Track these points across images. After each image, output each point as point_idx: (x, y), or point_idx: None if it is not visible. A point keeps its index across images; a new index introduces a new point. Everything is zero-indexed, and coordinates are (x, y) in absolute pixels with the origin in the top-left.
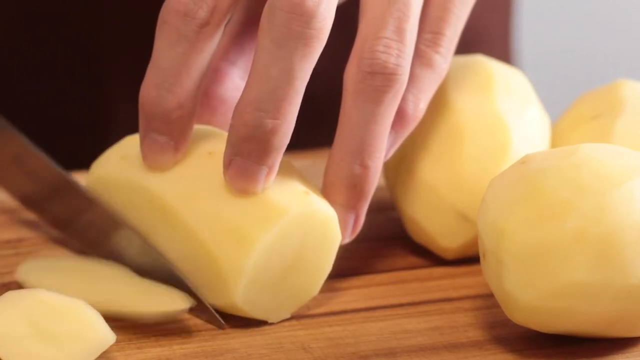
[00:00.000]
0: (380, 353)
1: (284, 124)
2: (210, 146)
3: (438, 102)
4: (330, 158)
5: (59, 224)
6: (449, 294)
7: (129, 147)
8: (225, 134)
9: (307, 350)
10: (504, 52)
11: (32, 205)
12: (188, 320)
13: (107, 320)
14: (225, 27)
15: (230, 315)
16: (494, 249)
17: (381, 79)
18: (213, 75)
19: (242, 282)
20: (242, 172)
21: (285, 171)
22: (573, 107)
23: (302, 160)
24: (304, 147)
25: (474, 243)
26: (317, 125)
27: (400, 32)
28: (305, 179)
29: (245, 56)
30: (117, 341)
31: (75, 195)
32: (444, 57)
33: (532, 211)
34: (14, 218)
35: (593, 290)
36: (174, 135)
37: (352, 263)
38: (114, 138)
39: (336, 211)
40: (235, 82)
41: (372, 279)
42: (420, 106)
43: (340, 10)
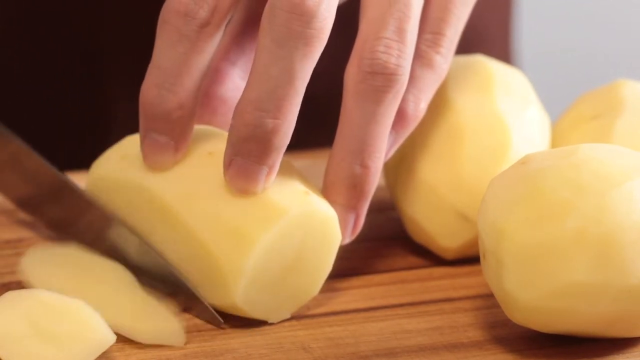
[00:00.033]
0: (381, 353)
1: (284, 123)
2: (210, 146)
3: (438, 102)
4: (331, 158)
5: (56, 226)
6: (449, 294)
7: (129, 147)
8: (225, 134)
9: (307, 350)
10: (504, 52)
11: (29, 207)
12: (188, 320)
13: None
14: (225, 27)
15: (230, 315)
16: (494, 249)
17: (382, 79)
18: (213, 76)
19: (242, 282)
20: (243, 172)
21: (286, 171)
22: (573, 107)
23: (302, 160)
24: (304, 147)
25: (474, 243)
26: (317, 125)
27: (400, 32)
28: (306, 179)
29: (245, 56)
30: (117, 341)
31: (72, 197)
32: (445, 58)
33: (532, 211)
34: (14, 218)
35: (593, 290)
36: (175, 135)
37: (352, 263)
38: (114, 138)
39: (336, 211)
40: (235, 82)
41: (372, 279)
42: (420, 106)
43: (340, 10)
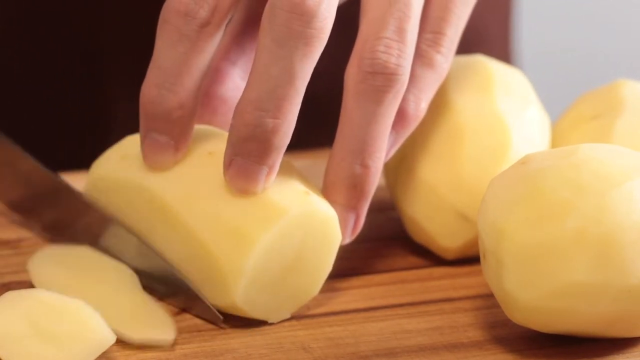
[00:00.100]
0: (380, 353)
1: (284, 123)
2: (210, 146)
3: (438, 102)
4: (331, 158)
5: (52, 229)
6: (449, 294)
7: (129, 147)
8: (225, 134)
9: (307, 350)
10: (504, 52)
11: (24, 211)
12: (188, 320)
13: None
14: (226, 27)
15: (230, 315)
16: (494, 249)
17: (382, 79)
18: (214, 75)
19: (242, 282)
20: (243, 172)
21: (286, 171)
22: (573, 107)
23: (302, 160)
24: (304, 147)
25: (474, 243)
26: (318, 125)
27: (401, 32)
28: (306, 179)
29: (246, 56)
30: (117, 341)
31: (69, 199)
32: (445, 57)
33: (532, 211)
34: (14, 218)
35: (593, 290)
36: (175, 135)
37: (352, 263)
38: (114, 138)
39: (336, 211)
40: (235, 82)
41: (372, 279)
42: (421, 106)
43: (341, 10)
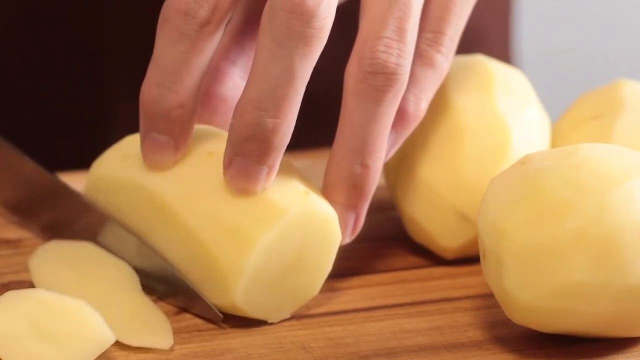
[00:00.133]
0: (380, 353)
1: (284, 123)
2: (210, 146)
3: (438, 102)
4: (331, 158)
5: (50, 230)
6: (449, 294)
7: (129, 147)
8: (225, 133)
9: (307, 350)
10: (504, 52)
11: (21, 212)
12: (188, 320)
13: None
14: (226, 27)
15: (230, 315)
16: (494, 249)
17: (382, 78)
18: (214, 75)
19: (242, 282)
20: (243, 172)
21: (286, 171)
22: (573, 107)
23: (302, 160)
24: (304, 147)
25: (474, 243)
26: (317, 125)
27: (401, 31)
28: (306, 178)
29: (245, 55)
30: (117, 341)
31: (68, 200)
32: (445, 57)
33: (532, 211)
34: (12, 219)
35: (593, 290)
36: (175, 134)
37: (352, 263)
38: (114, 138)
39: (336, 211)
40: (235, 82)
41: (372, 278)
42: (421, 106)
43: (340, 9)
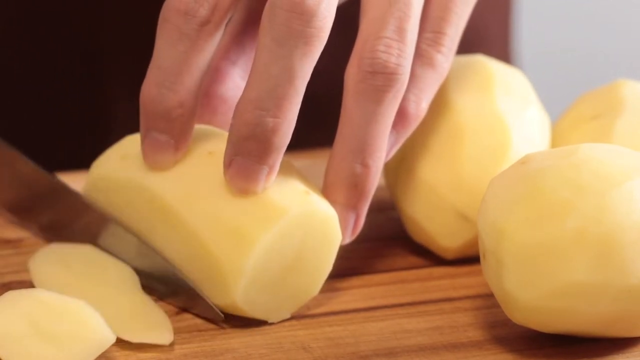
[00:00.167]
0: (380, 353)
1: (284, 122)
2: (210, 146)
3: (438, 102)
4: (331, 158)
5: (50, 230)
6: (449, 294)
7: (129, 146)
8: (225, 133)
9: (307, 350)
10: (504, 52)
11: (20, 212)
12: (188, 320)
13: None
14: (226, 27)
15: (230, 315)
16: (494, 249)
17: (382, 78)
18: (214, 75)
19: (242, 282)
20: (243, 172)
21: (286, 171)
22: (573, 107)
23: (302, 160)
24: (304, 147)
25: (474, 243)
26: (317, 125)
27: (401, 32)
28: (306, 178)
29: (245, 55)
30: (117, 341)
31: (67, 200)
32: (446, 57)
33: (532, 211)
34: (12, 218)
35: (593, 290)
36: (175, 134)
37: (352, 263)
38: (114, 138)
39: (337, 211)
40: (235, 82)
41: (372, 278)
42: (422, 106)
43: (341, 9)
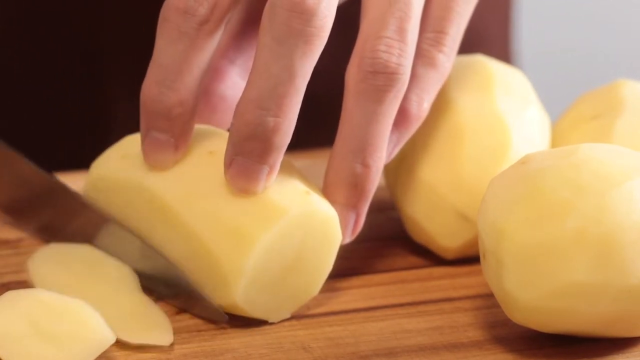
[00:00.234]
0: (380, 353)
1: (285, 122)
2: (211, 145)
3: (438, 102)
4: (332, 157)
5: (47, 231)
6: (449, 294)
7: (129, 146)
8: (225, 133)
9: (307, 350)
10: (504, 52)
11: (17, 214)
12: (188, 320)
13: None
14: (225, 26)
15: (231, 315)
16: (494, 249)
17: (383, 78)
18: (213, 74)
19: (243, 282)
20: (243, 172)
21: (286, 171)
22: (573, 107)
23: (302, 160)
24: (304, 147)
25: (474, 243)
26: (318, 125)
27: (401, 31)
28: (306, 178)
29: (244, 55)
30: (117, 341)
31: (65, 200)
32: (447, 57)
33: (532, 211)
34: (8, 219)
35: (593, 290)
36: (175, 132)
37: (352, 263)
38: (114, 138)
39: (337, 210)
40: (234, 81)
41: (372, 278)
42: (423, 106)
43: (341, 9)
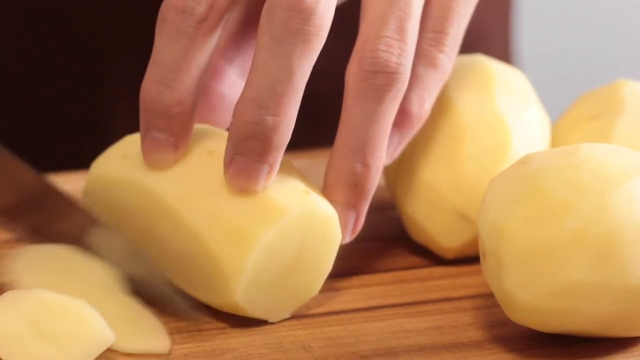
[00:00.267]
0: (380, 353)
1: (284, 121)
2: (210, 145)
3: (438, 102)
4: (332, 157)
5: (35, 233)
6: (449, 294)
7: (129, 146)
8: (225, 133)
9: (307, 349)
10: (504, 52)
11: (7, 215)
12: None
13: None
14: (224, 27)
15: (231, 315)
16: (494, 249)
17: (383, 77)
18: (211, 73)
19: (243, 282)
20: (243, 171)
21: (286, 170)
22: (573, 107)
23: (302, 160)
24: (303, 147)
25: (474, 243)
26: (317, 125)
27: (401, 31)
28: (306, 178)
29: (242, 55)
30: (109, 349)
31: (53, 201)
32: (448, 57)
33: (532, 211)
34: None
35: (593, 290)
36: (174, 131)
37: (352, 263)
38: (114, 138)
39: (337, 210)
40: (232, 80)
41: (372, 278)
42: (425, 106)
43: (340, 9)
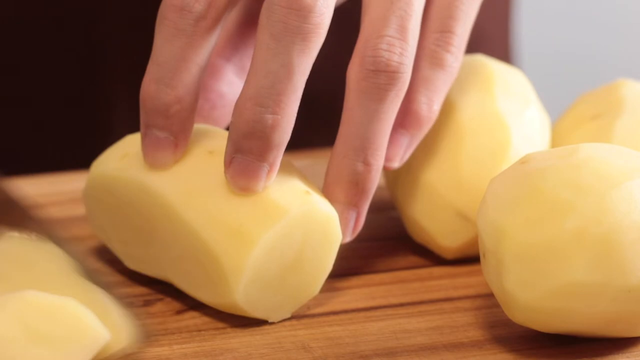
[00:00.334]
0: (380, 353)
1: (284, 119)
2: (210, 145)
3: None
4: (333, 156)
5: None
6: (449, 294)
7: (129, 146)
8: (225, 133)
9: (307, 349)
10: (504, 52)
11: None
12: (188, 320)
13: None
14: (222, 26)
15: (231, 315)
16: (494, 249)
17: (384, 76)
18: (209, 71)
19: (243, 282)
20: (243, 170)
21: (286, 170)
22: (573, 107)
23: (302, 160)
24: (304, 147)
25: (474, 243)
26: (318, 124)
27: (402, 30)
28: (306, 178)
29: (241, 54)
30: None
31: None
32: (455, 56)
33: (532, 211)
34: None
35: (593, 290)
36: (174, 130)
37: (352, 263)
38: (114, 138)
39: (337, 209)
40: (230, 79)
41: (372, 278)
42: (434, 107)
43: (341, 9)
